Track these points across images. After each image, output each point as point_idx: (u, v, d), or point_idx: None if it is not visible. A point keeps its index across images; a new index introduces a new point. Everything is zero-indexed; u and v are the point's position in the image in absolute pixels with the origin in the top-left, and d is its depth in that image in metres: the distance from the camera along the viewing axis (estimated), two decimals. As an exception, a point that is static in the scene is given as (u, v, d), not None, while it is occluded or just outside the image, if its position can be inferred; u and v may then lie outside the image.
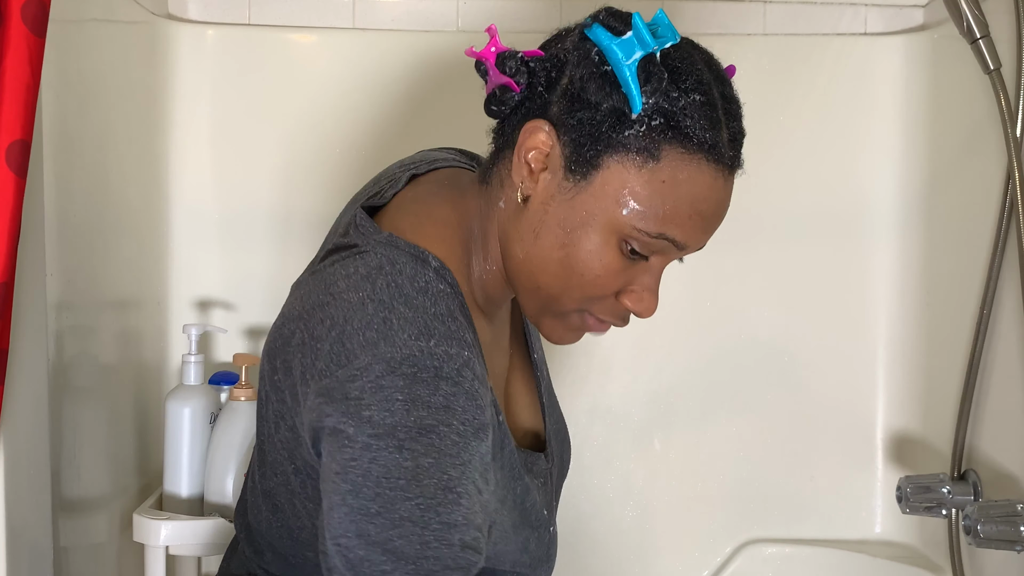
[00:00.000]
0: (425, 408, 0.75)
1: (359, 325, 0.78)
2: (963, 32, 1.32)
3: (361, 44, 1.66)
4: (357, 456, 0.74)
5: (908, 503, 1.42)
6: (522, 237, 0.85)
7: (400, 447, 0.74)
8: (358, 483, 0.74)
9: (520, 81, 0.85)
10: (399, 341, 0.76)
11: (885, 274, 1.68)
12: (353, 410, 0.75)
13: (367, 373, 0.76)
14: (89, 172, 1.29)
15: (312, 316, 0.82)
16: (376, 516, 0.73)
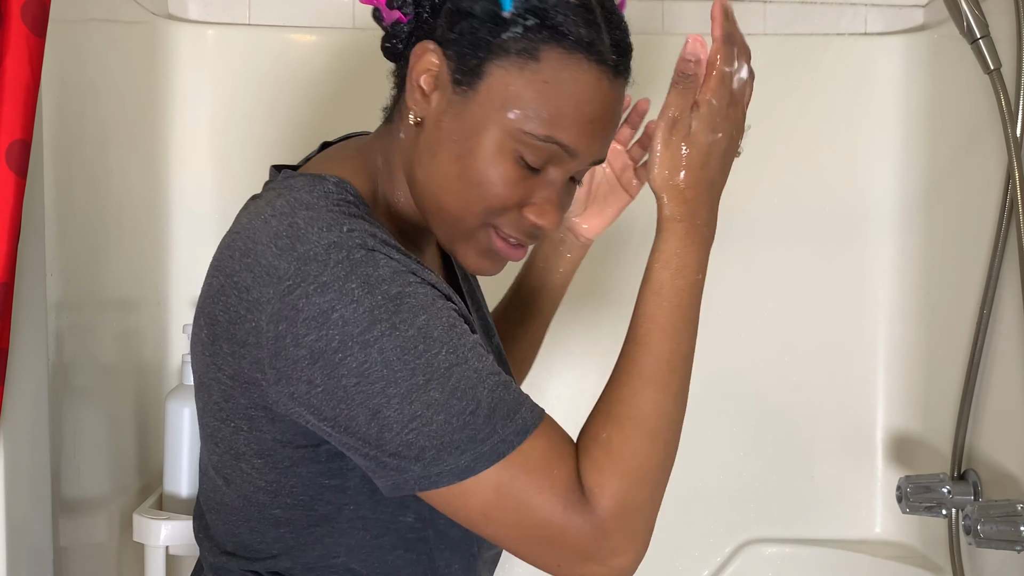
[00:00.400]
0: (379, 281, 0.75)
1: (267, 240, 0.77)
2: (963, 32, 1.32)
3: (361, 44, 1.66)
4: (363, 357, 0.73)
5: (908, 503, 1.42)
6: (420, 159, 0.86)
7: (393, 327, 0.74)
8: (387, 375, 0.73)
9: (407, 12, 0.86)
10: (312, 238, 0.76)
11: (885, 274, 1.68)
12: (321, 321, 0.73)
13: (303, 279, 0.74)
14: (89, 172, 1.29)
15: (222, 259, 0.82)
16: (428, 382, 0.74)
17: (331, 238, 0.76)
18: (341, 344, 0.73)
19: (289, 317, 0.74)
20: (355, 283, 0.74)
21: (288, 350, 0.75)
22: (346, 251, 0.75)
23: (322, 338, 0.73)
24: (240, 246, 0.80)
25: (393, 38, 0.88)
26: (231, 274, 0.79)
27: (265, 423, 0.80)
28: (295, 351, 0.74)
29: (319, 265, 0.74)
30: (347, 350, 0.73)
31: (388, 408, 0.74)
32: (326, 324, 0.73)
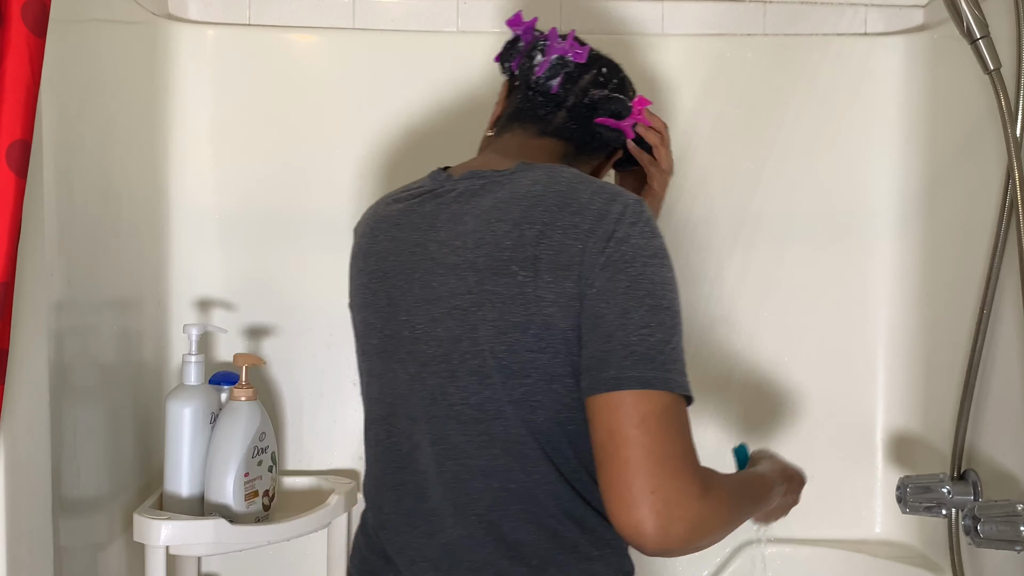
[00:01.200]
0: (660, 237, 0.97)
1: (589, 194, 0.98)
2: (963, 32, 1.32)
3: (361, 44, 1.66)
4: (651, 273, 0.93)
5: (908, 503, 1.42)
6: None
7: (662, 265, 0.94)
8: (648, 288, 0.92)
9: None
10: (632, 198, 0.98)
11: (885, 274, 1.68)
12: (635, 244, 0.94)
13: (627, 220, 0.95)
14: (89, 172, 1.29)
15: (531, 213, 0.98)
16: (669, 308, 0.92)
17: (634, 196, 0.99)
18: (631, 258, 0.93)
19: (606, 238, 0.94)
20: (650, 227, 0.96)
21: (595, 259, 0.93)
22: (643, 206, 0.98)
23: (618, 252, 0.93)
24: (554, 201, 0.98)
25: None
26: (551, 221, 0.96)
27: (578, 343, 0.94)
28: (598, 259, 0.93)
29: (635, 209, 0.96)
30: (632, 263, 0.93)
31: (636, 312, 0.91)
32: (626, 244, 0.93)
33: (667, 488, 0.86)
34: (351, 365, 1.66)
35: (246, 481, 1.38)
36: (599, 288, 0.92)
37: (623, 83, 1.23)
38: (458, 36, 1.66)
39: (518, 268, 0.95)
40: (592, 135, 1.19)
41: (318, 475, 1.61)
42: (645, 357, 0.89)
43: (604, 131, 1.19)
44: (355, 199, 1.64)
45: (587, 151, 1.20)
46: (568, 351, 0.94)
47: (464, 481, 0.99)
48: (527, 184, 1.01)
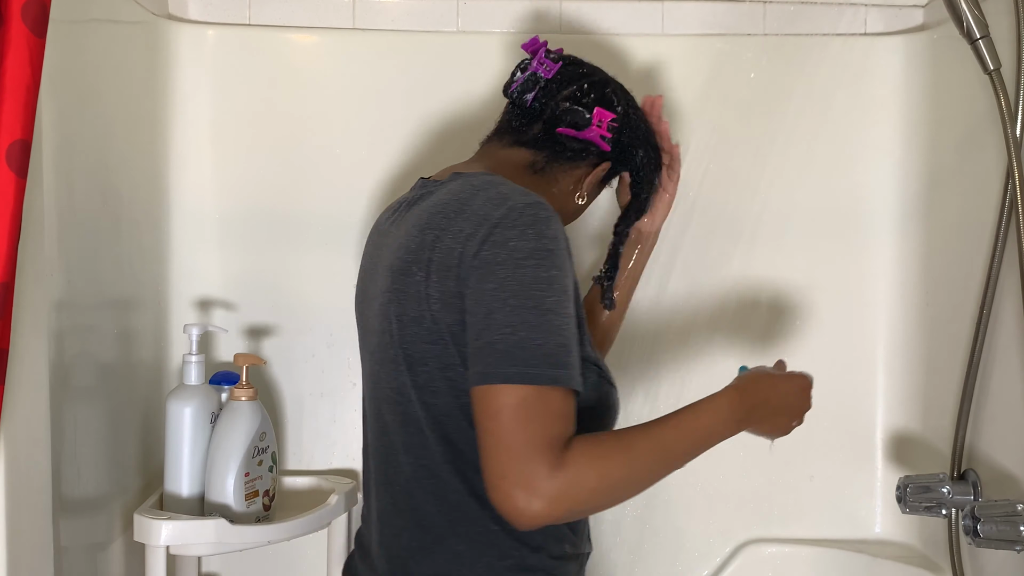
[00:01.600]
0: (545, 238, 1.01)
1: (481, 201, 1.04)
2: (963, 32, 1.32)
3: (361, 44, 1.66)
4: (508, 274, 0.99)
5: (908, 503, 1.42)
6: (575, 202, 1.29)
7: (539, 265, 0.99)
8: (513, 289, 0.98)
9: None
10: (521, 201, 1.03)
11: (885, 274, 1.68)
12: (500, 245, 1.00)
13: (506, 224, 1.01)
14: (89, 172, 1.29)
15: (433, 219, 1.06)
16: (532, 308, 0.98)
17: (530, 199, 1.04)
18: (502, 261, 0.99)
19: (482, 240, 1.01)
20: (533, 230, 1.01)
21: (469, 262, 1.01)
22: (537, 209, 1.03)
23: (492, 255, 1.00)
24: (454, 207, 1.06)
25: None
26: (445, 227, 1.05)
27: (464, 336, 1.02)
28: (472, 262, 1.00)
29: (518, 213, 1.02)
30: (502, 265, 0.99)
31: (499, 313, 0.98)
32: (501, 247, 1.00)
33: (514, 474, 0.95)
34: (351, 365, 1.67)
35: (246, 481, 1.38)
36: (472, 289, 1.01)
37: (603, 96, 1.24)
38: (458, 36, 1.66)
39: (416, 269, 1.06)
40: (559, 145, 1.23)
41: (318, 475, 1.62)
42: (505, 355, 0.97)
43: (568, 141, 1.22)
44: (355, 199, 1.65)
45: (560, 161, 1.23)
46: (456, 343, 1.03)
47: (391, 455, 1.13)
48: (444, 192, 1.11)
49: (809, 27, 1.67)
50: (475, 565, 1.08)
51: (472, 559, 1.08)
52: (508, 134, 1.25)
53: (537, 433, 0.96)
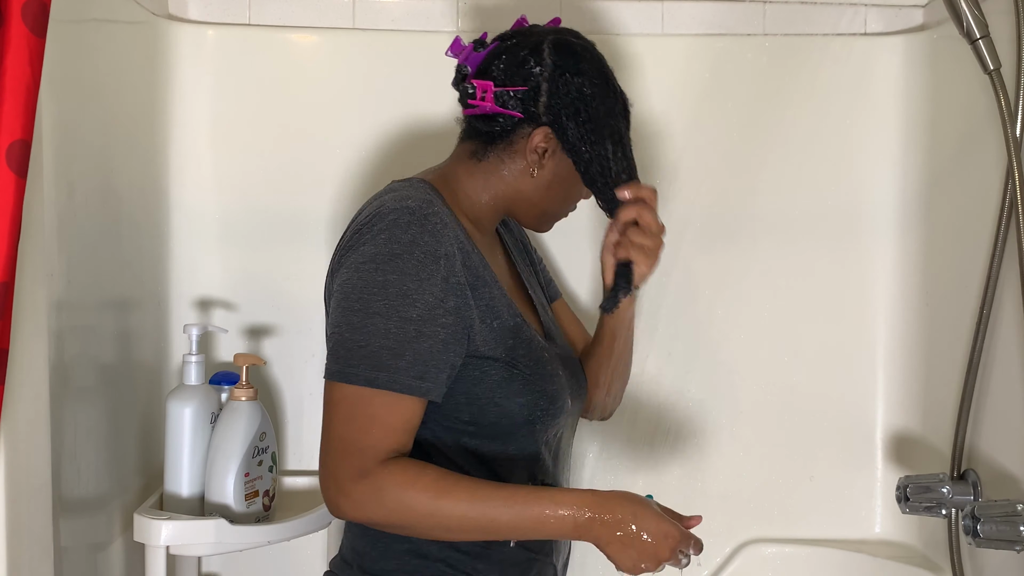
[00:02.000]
0: (396, 242, 1.05)
1: (367, 205, 1.13)
2: (963, 32, 1.32)
3: (361, 44, 1.66)
4: (349, 277, 1.07)
5: (908, 503, 1.42)
6: (530, 187, 1.26)
7: (376, 269, 1.05)
8: (348, 292, 1.06)
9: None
10: (387, 207, 1.09)
11: (885, 274, 1.68)
12: (355, 247, 1.08)
13: (364, 230, 1.08)
14: (89, 172, 1.29)
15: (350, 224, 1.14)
16: (358, 311, 1.05)
17: (400, 206, 1.08)
18: (349, 264, 1.07)
19: (345, 247, 1.10)
20: (385, 235, 1.06)
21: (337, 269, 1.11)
22: (400, 215, 1.07)
23: (345, 259, 1.09)
24: (362, 220, 1.12)
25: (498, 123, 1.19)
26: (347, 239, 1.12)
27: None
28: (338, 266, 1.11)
29: (378, 219, 1.08)
30: (348, 269, 1.07)
31: (336, 314, 1.08)
32: (354, 252, 1.08)
33: (328, 467, 1.07)
34: (351, 365, 1.67)
35: (246, 481, 1.38)
36: (333, 292, 1.10)
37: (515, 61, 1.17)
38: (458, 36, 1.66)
39: (329, 272, 1.16)
40: (473, 126, 1.22)
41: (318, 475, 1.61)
42: (332, 353, 1.07)
43: (474, 120, 1.21)
44: (355, 199, 1.64)
45: (495, 141, 1.20)
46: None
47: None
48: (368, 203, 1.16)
49: (809, 27, 1.67)
50: (376, 543, 1.14)
51: (373, 538, 1.14)
52: (463, 130, 1.26)
53: (352, 436, 1.05)
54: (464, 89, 1.20)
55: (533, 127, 1.17)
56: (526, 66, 1.17)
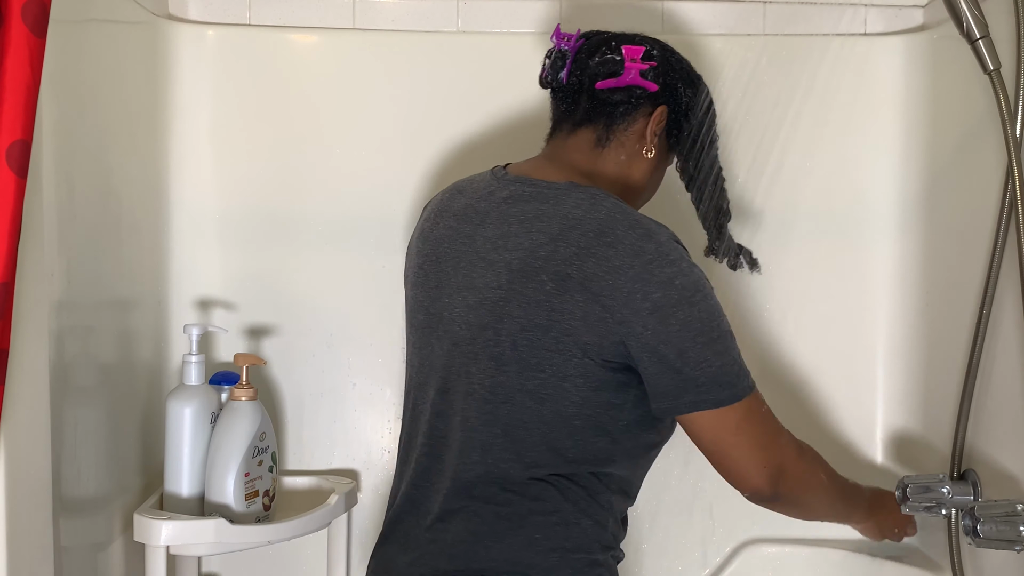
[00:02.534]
0: (692, 265, 1.10)
1: (624, 228, 1.09)
2: (963, 32, 1.32)
3: (361, 44, 1.66)
4: (688, 313, 1.07)
5: (908, 503, 1.42)
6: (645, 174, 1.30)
7: (705, 296, 1.10)
8: (698, 327, 1.08)
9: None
10: (659, 232, 1.10)
11: (885, 274, 1.68)
12: (666, 285, 1.07)
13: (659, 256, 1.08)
14: (89, 172, 1.29)
15: (568, 233, 1.09)
16: (719, 338, 1.10)
17: (668, 232, 1.11)
18: (676, 302, 1.07)
19: (644, 279, 1.06)
20: (685, 263, 1.09)
21: (637, 303, 1.06)
22: (676, 242, 1.11)
23: (664, 296, 1.06)
24: (592, 228, 1.09)
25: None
26: (586, 247, 1.08)
27: (596, 352, 1.08)
28: (642, 304, 1.06)
29: (668, 248, 1.09)
30: (678, 307, 1.07)
31: (692, 351, 1.07)
32: (670, 287, 1.06)
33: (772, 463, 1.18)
34: (351, 365, 1.67)
35: (246, 481, 1.38)
36: (652, 331, 1.06)
37: (632, 40, 1.23)
38: (458, 36, 1.66)
39: (547, 278, 1.08)
40: (608, 106, 1.21)
41: (318, 475, 1.62)
42: (712, 384, 1.09)
43: (612, 95, 1.21)
44: (355, 199, 1.65)
45: (618, 122, 1.22)
46: (586, 358, 1.08)
47: (467, 452, 1.14)
48: (570, 204, 1.12)
49: (809, 27, 1.67)
50: (549, 554, 1.12)
51: (548, 547, 1.12)
52: (564, 121, 1.25)
53: (773, 422, 1.17)
54: (604, 61, 1.21)
55: (653, 106, 1.23)
56: (647, 46, 1.23)
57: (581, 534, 1.13)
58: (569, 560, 1.12)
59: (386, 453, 1.68)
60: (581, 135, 1.23)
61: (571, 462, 1.13)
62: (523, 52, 1.64)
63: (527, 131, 1.36)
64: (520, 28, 1.67)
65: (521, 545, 1.12)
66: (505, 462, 1.13)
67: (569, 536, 1.13)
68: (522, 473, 1.12)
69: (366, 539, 1.67)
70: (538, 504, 1.12)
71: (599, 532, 1.14)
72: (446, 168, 1.64)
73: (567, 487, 1.12)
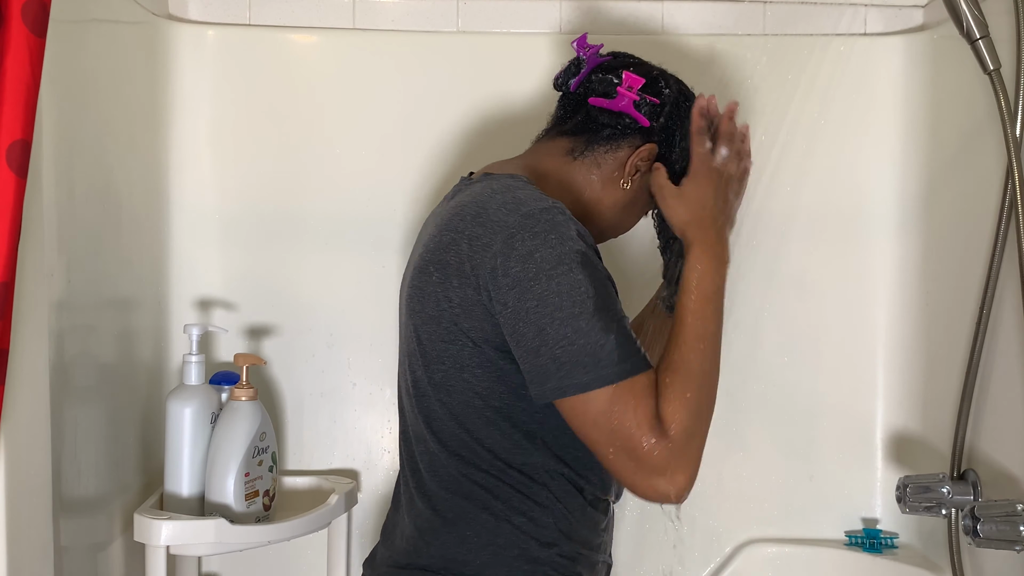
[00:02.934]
0: (569, 239, 1.02)
1: (496, 205, 1.05)
2: (963, 32, 1.32)
3: (361, 44, 1.66)
4: (545, 287, 1.00)
5: (908, 503, 1.42)
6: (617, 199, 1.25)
7: (570, 270, 1.00)
8: (556, 302, 0.99)
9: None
10: (531, 203, 1.04)
11: (885, 274, 1.68)
12: (526, 258, 1.00)
13: (521, 228, 1.02)
14: (89, 172, 1.29)
15: (452, 221, 1.08)
16: (580, 315, 0.99)
17: (544, 204, 1.04)
18: (534, 275, 1.00)
19: (505, 253, 1.01)
20: (554, 235, 1.01)
21: (499, 279, 1.01)
22: (552, 213, 1.03)
23: (523, 270, 1.00)
24: (471, 211, 1.06)
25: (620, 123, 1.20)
26: (462, 230, 1.06)
27: (482, 338, 1.05)
28: (503, 279, 1.01)
29: (534, 219, 1.02)
30: (536, 280, 1.00)
31: (550, 327, 0.99)
32: (529, 260, 1.00)
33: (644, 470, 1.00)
34: (351, 365, 1.67)
35: (246, 481, 1.38)
36: (512, 308, 1.01)
37: (646, 74, 1.22)
38: (458, 36, 1.66)
39: (433, 269, 1.08)
40: (595, 123, 1.20)
41: (318, 475, 1.62)
42: (575, 365, 0.99)
43: (601, 115, 1.20)
44: (355, 199, 1.65)
45: (599, 142, 1.20)
46: (475, 345, 1.06)
47: (409, 443, 1.19)
48: (467, 194, 1.13)
49: (809, 27, 1.67)
50: (481, 551, 1.11)
51: (479, 544, 1.11)
52: (555, 125, 1.26)
53: (635, 424, 0.99)
54: (602, 79, 1.20)
55: (643, 140, 1.21)
56: (659, 84, 1.22)
57: (513, 531, 1.11)
58: (503, 557, 1.11)
59: (386, 453, 1.68)
60: (559, 142, 1.22)
61: (495, 456, 1.10)
62: (523, 52, 1.64)
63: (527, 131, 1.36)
64: (520, 28, 1.67)
65: (455, 542, 1.12)
66: (438, 457, 1.13)
67: (499, 532, 1.11)
68: (455, 469, 1.12)
69: (366, 539, 1.67)
70: (469, 502, 1.11)
71: (535, 529, 1.11)
72: (445, 168, 1.64)
73: (495, 484, 1.11)
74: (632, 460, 0.99)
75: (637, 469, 0.99)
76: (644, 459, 0.99)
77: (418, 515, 1.16)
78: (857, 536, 1.67)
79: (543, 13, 1.67)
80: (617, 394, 0.99)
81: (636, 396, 0.99)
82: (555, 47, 1.63)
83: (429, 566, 1.13)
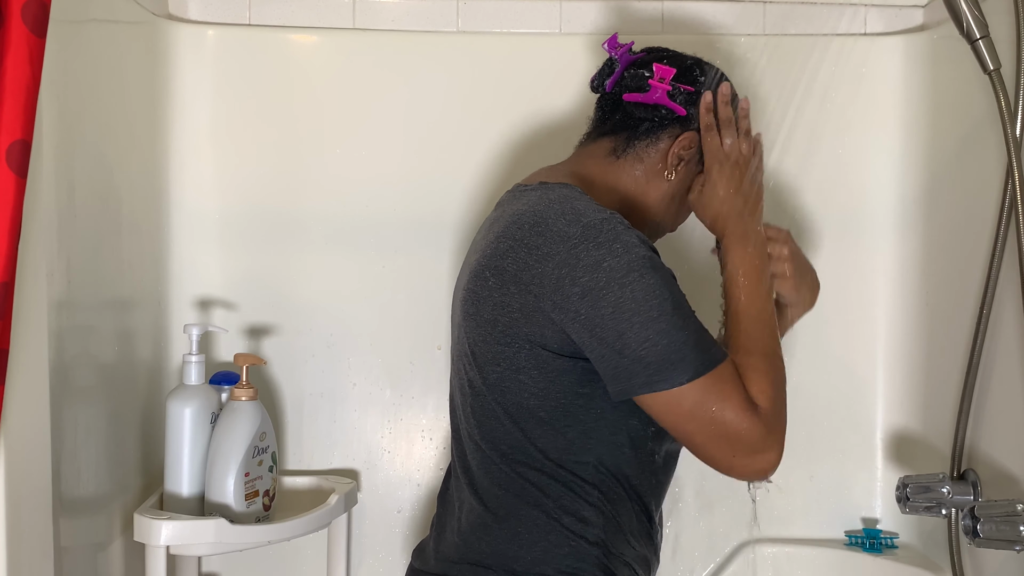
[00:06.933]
0: (633, 246, 1.06)
1: (555, 215, 1.08)
2: (963, 32, 1.32)
3: (361, 44, 1.66)
4: (619, 295, 1.03)
5: (908, 503, 1.42)
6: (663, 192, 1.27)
7: (641, 276, 1.04)
8: (633, 307, 1.03)
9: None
10: (591, 214, 1.07)
11: (885, 274, 1.68)
12: (593, 268, 1.04)
13: (585, 239, 1.05)
14: (89, 172, 1.29)
15: (510, 229, 1.11)
16: (660, 316, 1.04)
17: (603, 215, 1.07)
18: (605, 284, 1.04)
19: (570, 264, 1.05)
20: (619, 244, 1.05)
21: (565, 288, 1.05)
22: (613, 223, 1.07)
23: (592, 280, 1.04)
24: (529, 220, 1.10)
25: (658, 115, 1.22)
26: (520, 238, 1.09)
27: (540, 343, 1.09)
28: (571, 289, 1.05)
29: (596, 230, 1.05)
30: (608, 288, 1.04)
31: (630, 331, 1.03)
32: (597, 270, 1.04)
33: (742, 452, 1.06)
34: (351, 365, 1.67)
35: (246, 481, 1.38)
36: (585, 316, 1.05)
37: (680, 65, 1.23)
38: (458, 36, 1.66)
39: (489, 275, 1.11)
40: (630, 118, 1.22)
41: (318, 475, 1.62)
42: (663, 363, 1.04)
43: (637, 110, 1.22)
44: (355, 199, 1.65)
45: (639, 137, 1.22)
46: (533, 348, 1.09)
47: (461, 441, 1.21)
48: (524, 202, 1.14)
49: (809, 27, 1.67)
50: (532, 548, 1.13)
51: (530, 541, 1.13)
52: (595, 128, 1.27)
53: (731, 408, 1.05)
54: (634, 75, 1.22)
55: (683, 130, 1.22)
56: (693, 72, 1.24)
57: (563, 529, 1.13)
58: (553, 555, 1.13)
59: (386, 453, 1.68)
60: (601, 143, 1.24)
61: (546, 455, 1.13)
62: (523, 52, 1.64)
63: (527, 131, 1.36)
64: (520, 28, 1.67)
65: (506, 538, 1.14)
66: (489, 456, 1.16)
67: (550, 530, 1.13)
68: (507, 467, 1.15)
69: (366, 539, 1.67)
70: (520, 499, 1.14)
71: (584, 528, 1.13)
72: (446, 168, 1.64)
73: (547, 483, 1.13)
74: (730, 444, 1.05)
75: (736, 451, 1.05)
76: (743, 440, 1.05)
77: (470, 511, 1.18)
78: (857, 536, 1.67)
79: (543, 13, 1.67)
80: (708, 384, 1.04)
81: (726, 382, 1.05)
82: (554, 48, 1.64)
83: (480, 561, 1.16)
